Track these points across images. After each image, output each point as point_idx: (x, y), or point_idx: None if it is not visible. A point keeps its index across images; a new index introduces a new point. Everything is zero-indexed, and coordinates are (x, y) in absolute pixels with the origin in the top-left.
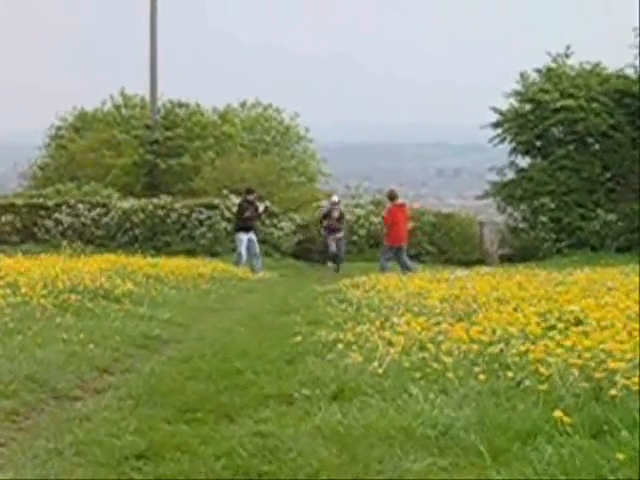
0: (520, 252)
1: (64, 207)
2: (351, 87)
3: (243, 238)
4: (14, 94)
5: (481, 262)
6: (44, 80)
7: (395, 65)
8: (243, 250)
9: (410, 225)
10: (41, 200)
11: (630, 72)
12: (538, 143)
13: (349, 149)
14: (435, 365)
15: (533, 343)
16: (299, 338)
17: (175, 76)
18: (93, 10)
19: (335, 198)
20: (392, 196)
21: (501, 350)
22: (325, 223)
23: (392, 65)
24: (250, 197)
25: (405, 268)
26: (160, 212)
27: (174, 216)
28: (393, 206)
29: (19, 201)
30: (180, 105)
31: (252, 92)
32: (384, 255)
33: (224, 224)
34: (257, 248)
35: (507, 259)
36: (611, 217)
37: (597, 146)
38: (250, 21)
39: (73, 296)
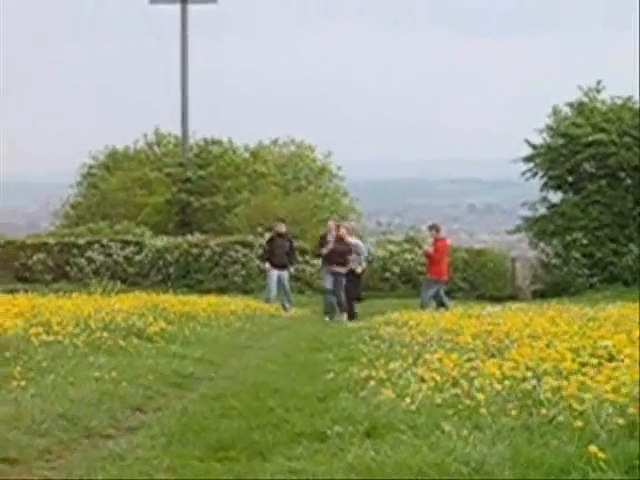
0: (552, 287)
1: (97, 245)
2: (382, 124)
3: (273, 274)
4: (47, 134)
5: (513, 298)
6: (76, 120)
7: (428, 103)
8: (273, 286)
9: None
10: (73, 239)
11: None
12: (570, 178)
13: (380, 186)
14: (468, 401)
15: (566, 379)
16: (331, 375)
17: (207, 114)
18: (125, 51)
19: (331, 223)
20: (437, 229)
21: (534, 386)
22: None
23: (424, 103)
24: (281, 229)
25: (440, 304)
26: (194, 250)
27: (208, 254)
28: (439, 240)
29: (51, 240)
30: (213, 142)
31: (283, 129)
32: (429, 290)
33: (257, 262)
34: (288, 285)
35: (539, 295)
36: None
37: (629, 181)
38: (279, 59)
39: (105, 334)
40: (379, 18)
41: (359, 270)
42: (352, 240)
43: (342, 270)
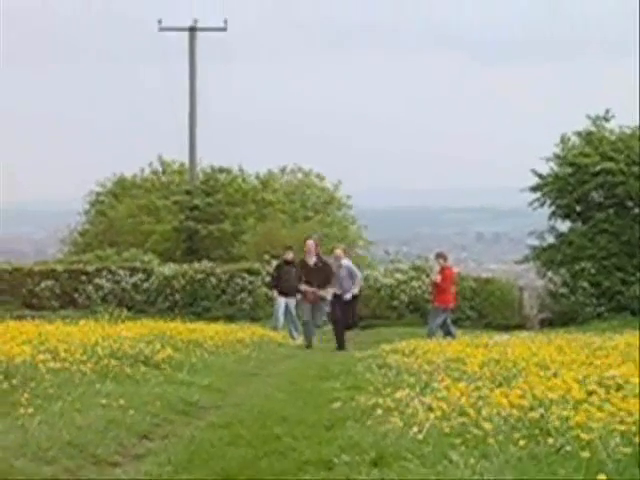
0: (560, 317)
1: (105, 272)
2: (389, 153)
3: (280, 302)
4: (54, 161)
5: (521, 327)
6: (84, 147)
7: (435, 133)
8: (280, 314)
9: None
10: (81, 266)
11: None
12: (578, 207)
13: (388, 214)
14: (475, 431)
15: (574, 408)
16: (338, 404)
17: (214, 141)
18: (132, 77)
19: (310, 241)
20: (444, 258)
21: (541, 415)
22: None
23: (432, 132)
24: (288, 257)
25: (447, 333)
26: (200, 277)
27: (214, 281)
28: (446, 268)
29: (59, 267)
30: (221, 170)
31: (291, 157)
32: (436, 319)
33: (264, 289)
34: (295, 313)
35: (547, 324)
36: None
37: (637, 210)
38: (288, 87)
39: (113, 362)
40: (386, 47)
41: (348, 297)
42: (345, 262)
43: (325, 294)
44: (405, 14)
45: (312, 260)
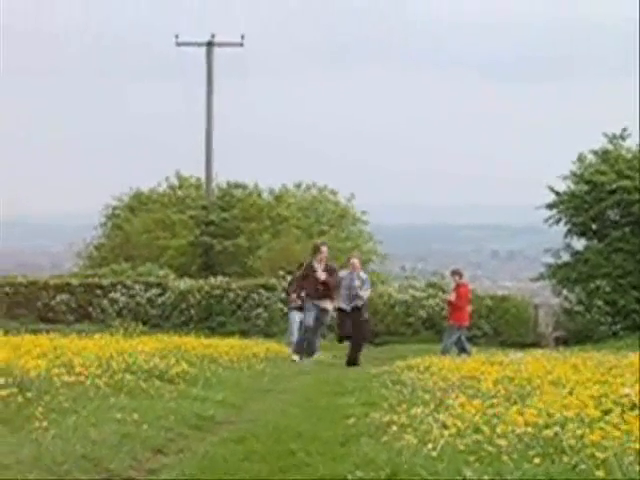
0: (575, 335)
1: (120, 286)
2: (404, 170)
3: (295, 318)
4: (69, 175)
5: (536, 345)
6: (101, 161)
7: (452, 148)
8: (294, 329)
9: (470, 307)
10: (97, 279)
11: None
12: (594, 225)
13: (403, 230)
14: (490, 448)
15: (589, 427)
16: (353, 420)
17: (230, 157)
18: (149, 92)
19: (325, 248)
20: (460, 275)
21: (556, 433)
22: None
23: (450, 148)
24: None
25: (462, 350)
26: (216, 292)
27: (231, 296)
28: (462, 285)
29: (75, 280)
30: (237, 186)
31: (306, 173)
32: (451, 336)
33: (280, 305)
34: None
35: (562, 342)
36: None
37: None
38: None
39: (127, 376)
40: (401, 62)
41: (359, 303)
42: (362, 274)
43: (328, 306)
44: (423, 33)
45: (322, 268)
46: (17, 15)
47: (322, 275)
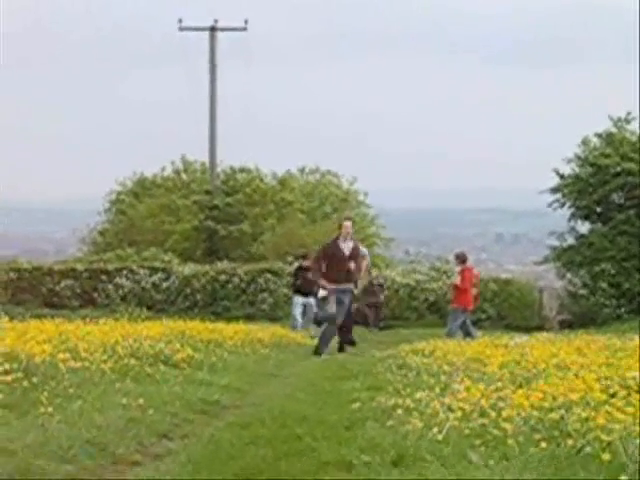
0: (579, 318)
1: (125, 272)
2: (408, 154)
3: (298, 302)
4: (71, 159)
5: (540, 328)
6: (104, 147)
7: (453, 134)
8: (298, 314)
9: (475, 290)
10: (102, 265)
11: None
12: (598, 208)
13: (407, 215)
14: (495, 432)
15: (594, 410)
16: (358, 404)
17: (234, 142)
18: (152, 77)
19: (348, 223)
20: (464, 259)
21: (562, 417)
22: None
23: (453, 132)
24: (305, 263)
25: (467, 334)
26: (222, 277)
27: (236, 281)
28: (466, 269)
29: (79, 266)
30: (241, 170)
31: (311, 158)
32: (456, 320)
33: (285, 289)
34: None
35: (567, 325)
36: None
37: None
38: (307, 88)
39: (132, 361)
40: (402, 50)
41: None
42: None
43: (351, 286)
44: (420, 18)
45: (349, 246)
46: (16, 6)
47: (351, 264)
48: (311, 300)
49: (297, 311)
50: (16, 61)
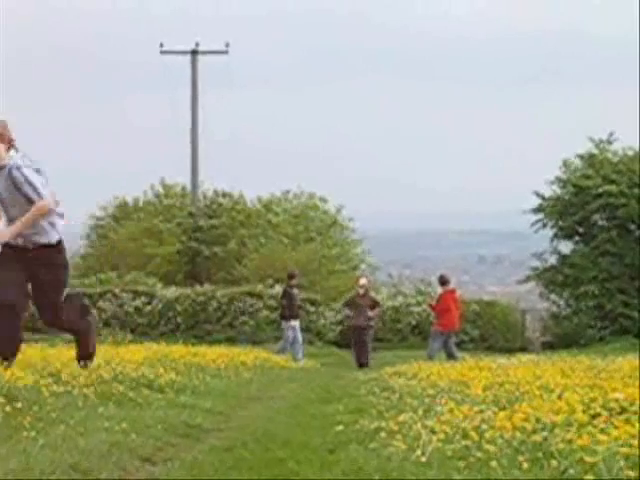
0: (562, 339)
1: (109, 295)
2: (391, 179)
3: (289, 325)
4: (51, 184)
5: (523, 349)
6: (86, 171)
7: (438, 156)
8: (289, 339)
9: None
10: (84, 289)
11: None
12: (580, 229)
13: (390, 237)
14: (478, 454)
15: (577, 431)
16: (341, 427)
17: (216, 165)
18: (133, 99)
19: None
20: (443, 281)
21: (545, 438)
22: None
23: (436, 155)
24: (292, 282)
25: (450, 356)
26: (201, 299)
27: (215, 304)
28: (445, 292)
29: None
30: (224, 195)
31: (294, 181)
32: (435, 342)
33: (266, 312)
34: (300, 336)
35: (549, 346)
36: None
37: (639, 232)
38: (290, 111)
39: (115, 385)
40: (393, 72)
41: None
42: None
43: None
44: (406, 40)
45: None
46: None
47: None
48: (296, 323)
49: (289, 335)
50: None
